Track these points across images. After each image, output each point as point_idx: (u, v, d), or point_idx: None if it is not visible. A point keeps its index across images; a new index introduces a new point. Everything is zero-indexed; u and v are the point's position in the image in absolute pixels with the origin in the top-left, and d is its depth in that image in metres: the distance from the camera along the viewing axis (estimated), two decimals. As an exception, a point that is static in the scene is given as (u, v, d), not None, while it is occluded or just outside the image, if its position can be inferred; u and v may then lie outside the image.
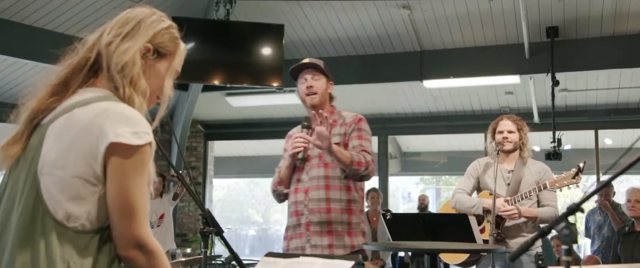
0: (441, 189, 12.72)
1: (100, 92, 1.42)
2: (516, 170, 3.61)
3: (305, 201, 2.83)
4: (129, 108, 1.40)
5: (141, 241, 1.38)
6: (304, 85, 2.89)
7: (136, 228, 1.36)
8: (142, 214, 1.37)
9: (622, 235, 4.74)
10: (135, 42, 1.45)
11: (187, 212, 9.07)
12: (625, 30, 6.51)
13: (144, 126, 1.37)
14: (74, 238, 1.35)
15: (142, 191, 1.37)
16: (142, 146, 1.35)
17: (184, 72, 6.45)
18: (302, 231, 2.84)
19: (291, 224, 2.89)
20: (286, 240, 2.92)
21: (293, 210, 2.87)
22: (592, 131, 8.35)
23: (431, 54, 7.26)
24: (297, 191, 2.86)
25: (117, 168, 1.34)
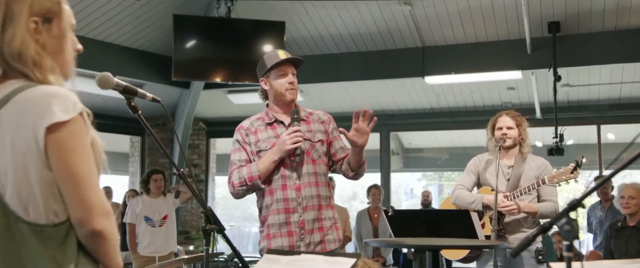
0: (444, 185, 12.71)
1: (15, 85, 1.39)
2: (516, 166, 3.62)
3: (299, 199, 2.78)
4: (49, 87, 1.38)
5: (104, 209, 1.37)
6: (286, 79, 2.83)
7: (94, 199, 1.35)
8: (93, 182, 1.36)
9: (615, 231, 4.73)
10: (17, 24, 1.39)
11: (190, 210, 9.08)
12: (627, 24, 6.49)
13: (70, 99, 1.36)
14: (53, 233, 1.36)
15: (87, 160, 1.36)
16: (73, 118, 1.35)
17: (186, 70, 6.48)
18: (292, 230, 2.78)
19: (276, 222, 2.79)
20: (266, 239, 2.80)
21: (281, 207, 2.78)
22: (595, 126, 8.32)
23: (433, 50, 7.25)
24: (286, 188, 2.78)
25: (55, 146, 1.33)
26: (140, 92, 1.87)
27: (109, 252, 1.41)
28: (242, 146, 2.84)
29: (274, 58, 2.85)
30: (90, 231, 1.36)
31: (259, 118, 2.90)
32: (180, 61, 6.64)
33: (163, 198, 5.99)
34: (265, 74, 2.86)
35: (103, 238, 1.38)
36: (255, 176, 2.75)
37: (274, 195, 2.79)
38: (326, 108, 8.82)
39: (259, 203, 2.87)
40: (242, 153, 2.84)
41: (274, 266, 1.91)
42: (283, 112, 2.89)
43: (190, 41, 6.73)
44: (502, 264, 3.53)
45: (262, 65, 2.87)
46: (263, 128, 2.87)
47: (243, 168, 2.79)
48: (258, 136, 2.85)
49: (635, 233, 4.55)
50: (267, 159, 2.77)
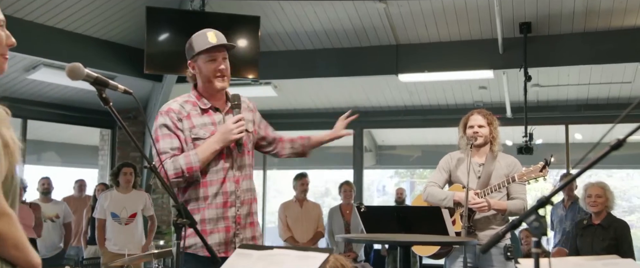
0: (415, 182, 12.82)
1: None
2: (487, 164, 3.67)
3: (237, 192, 2.61)
4: None
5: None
6: (215, 65, 2.58)
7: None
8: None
9: (581, 229, 4.84)
10: None
11: (160, 204, 8.97)
12: (596, 27, 6.64)
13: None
14: None
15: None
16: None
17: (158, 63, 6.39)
18: (228, 225, 2.58)
19: (212, 217, 2.56)
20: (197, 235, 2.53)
21: (220, 201, 2.57)
22: (563, 126, 8.49)
23: (407, 48, 7.30)
24: (226, 180, 2.58)
25: None
26: (111, 84, 1.85)
27: (8, 249, 1.36)
28: (173, 132, 2.55)
29: (203, 42, 2.59)
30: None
31: (189, 102, 2.63)
32: (152, 53, 6.56)
33: (133, 194, 5.90)
34: (193, 57, 2.61)
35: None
36: (196, 167, 2.50)
37: (209, 188, 2.56)
38: (300, 103, 8.82)
39: (184, 195, 2.58)
40: (175, 139, 2.54)
41: (246, 261, 1.91)
42: (216, 98, 2.67)
43: (163, 33, 6.65)
44: (471, 260, 3.58)
45: (189, 47, 2.63)
46: (197, 113, 2.61)
47: (178, 157, 2.50)
48: (192, 122, 2.58)
49: (600, 231, 4.66)
50: (207, 149, 2.53)
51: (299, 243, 6.16)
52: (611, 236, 4.60)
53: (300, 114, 8.94)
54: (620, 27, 6.56)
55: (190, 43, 2.64)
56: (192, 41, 2.64)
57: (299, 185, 6.43)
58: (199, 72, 2.63)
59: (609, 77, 7.41)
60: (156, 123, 2.58)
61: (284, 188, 10.52)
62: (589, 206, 4.75)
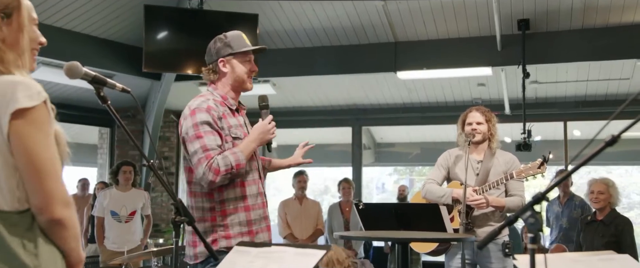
0: (415, 180, 12.83)
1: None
2: (485, 161, 3.68)
3: (265, 193, 2.71)
4: (13, 76, 1.40)
5: (64, 199, 1.38)
6: (250, 66, 2.65)
7: (55, 187, 1.36)
8: (54, 171, 1.37)
9: (584, 224, 4.86)
10: None
11: (159, 202, 8.99)
12: (594, 23, 6.64)
13: (35, 87, 1.38)
14: (19, 220, 1.37)
15: (49, 149, 1.37)
16: (37, 106, 1.36)
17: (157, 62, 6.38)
18: (268, 224, 2.69)
19: (257, 217, 2.61)
20: (248, 236, 2.55)
21: (260, 202, 2.64)
22: (561, 123, 8.51)
23: (405, 46, 7.30)
24: (259, 181, 2.67)
25: (18, 133, 1.34)
26: (109, 83, 1.85)
27: (69, 240, 1.42)
28: (215, 129, 2.53)
29: (242, 42, 2.65)
30: (49, 220, 1.37)
31: (217, 102, 2.61)
32: (151, 52, 6.56)
33: (133, 192, 5.91)
34: (227, 55, 2.63)
35: (62, 227, 1.39)
36: (243, 164, 2.51)
37: (247, 188, 2.60)
38: (299, 101, 8.83)
39: (220, 195, 2.56)
40: (218, 137, 2.53)
41: (245, 258, 1.92)
42: (235, 99, 2.69)
43: (161, 32, 6.65)
44: (469, 257, 3.59)
45: (225, 44, 2.64)
46: (229, 114, 2.63)
47: (227, 153, 2.49)
48: (229, 122, 2.60)
49: (602, 227, 4.66)
50: (247, 147, 2.55)
51: (298, 240, 6.17)
52: (611, 232, 4.60)
53: (299, 112, 8.95)
54: (619, 24, 6.57)
55: (226, 41, 2.65)
56: (229, 40, 2.65)
57: (297, 182, 6.45)
58: (232, 71, 2.64)
59: (607, 73, 7.42)
60: (195, 119, 2.53)
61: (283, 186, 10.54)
62: (592, 203, 4.77)
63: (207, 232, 2.52)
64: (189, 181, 2.60)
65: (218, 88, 2.67)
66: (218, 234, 2.51)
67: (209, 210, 2.54)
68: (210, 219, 2.54)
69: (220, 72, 2.66)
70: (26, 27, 1.50)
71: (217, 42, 2.67)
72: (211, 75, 2.68)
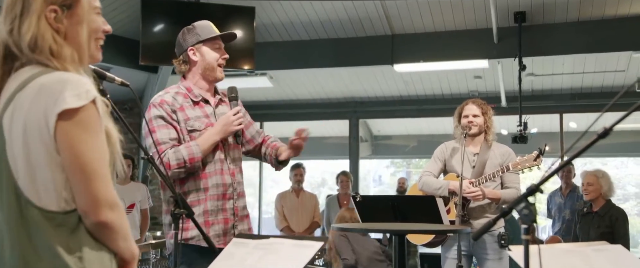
0: (411, 172, 12.86)
1: (33, 70, 1.39)
2: (481, 153, 3.71)
3: (234, 185, 2.64)
4: (63, 73, 1.38)
5: (111, 201, 1.36)
6: (220, 52, 2.66)
7: (102, 190, 1.34)
8: (101, 172, 1.35)
9: (580, 216, 4.91)
10: (32, 16, 1.40)
11: (157, 195, 9.00)
12: (590, 15, 6.66)
13: (83, 86, 1.35)
14: (64, 220, 1.36)
15: (96, 150, 1.35)
16: (85, 106, 1.33)
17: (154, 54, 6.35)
18: (227, 217, 2.62)
19: (213, 208, 2.58)
20: (204, 226, 2.53)
21: (220, 193, 2.60)
22: (557, 115, 8.54)
23: (402, 38, 7.31)
24: (223, 172, 2.61)
25: (65, 134, 1.32)
26: (109, 76, 1.87)
27: (117, 241, 1.40)
28: (169, 123, 2.55)
29: (210, 30, 2.65)
30: (95, 223, 1.36)
31: (180, 94, 2.63)
32: (148, 44, 6.56)
33: (131, 185, 5.90)
34: (196, 43, 2.63)
35: (108, 229, 1.37)
36: (198, 157, 2.50)
37: (208, 179, 2.58)
38: (296, 94, 8.84)
39: (182, 187, 2.58)
40: (172, 130, 2.55)
41: (243, 249, 1.95)
42: (207, 89, 2.69)
43: (158, 24, 6.65)
44: (466, 249, 3.63)
45: (192, 33, 2.65)
46: (189, 105, 2.62)
47: (179, 147, 2.51)
48: (186, 114, 2.59)
49: (597, 218, 4.71)
50: (208, 140, 2.55)
51: (295, 233, 6.20)
52: (606, 223, 4.65)
53: (296, 105, 8.96)
54: (614, 16, 6.59)
55: (193, 30, 2.65)
56: (196, 28, 2.65)
57: (293, 175, 6.48)
58: (201, 58, 2.64)
59: (603, 66, 7.44)
60: (149, 115, 2.57)
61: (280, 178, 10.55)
62: (584, 194, 4.82)
63: (169, 225, 2.50)
64: None
65: (187, 79, 2.68)
66: None
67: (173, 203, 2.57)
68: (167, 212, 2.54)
69: (190, 62, 2.66)
70: (86, 18, 1.46)
71: (185, 32, 2.68)
72: (182, 66, 2.68)
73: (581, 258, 1.87)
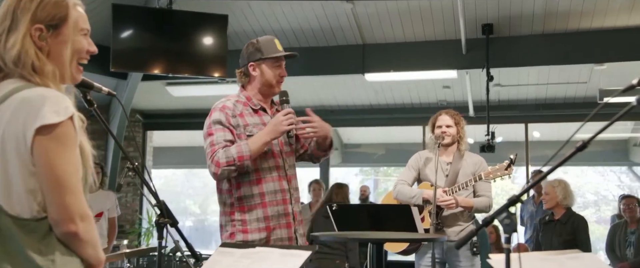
0: (379, 180, 12.98)
1: (16, 84, 1.44)
2: (454, 162, 3.79)
3: (291, 190, 2.74)
4: (44, 89, 1.43)
5: (81, 213, 1.42)
6: (279, 71, 2.78)
7: (73, 202, 1.40)
8: (74, 186, 1.41)
9: (543, 224, 5.05)
10: (19, 32, 1.45)
11: (124, 203, 8.87)
12: (554, 28, 6.87)
13: (62, 103, 1.41)
14: (36, 227, 1.40)
15: (71, 164, 1.41)
16: (63, 122, 1.38)
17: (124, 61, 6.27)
18: (289, 221, 2.71)
19: (274, 214, 2.66)
20: (265, 231, 2.63)
21: (280, 198, 2.69)
22: (523, 125, 8.76)
23: (373, 48, 7.40)
24: (281, 178, 2.71)
25: (42, 148, 1.38)
26: (96, 86, 1.87)
27: (86, 250, 1.46)
28: (227, 127, 2.64)
29: (272, 48, 2.77)
30: (65, 233, 1.41)
31: (240, 102, 2.74)
32: (118, 51, 6.47)
33: (100, 193, 5.80)
34: (257, 59, 2.74)
35: (78, 240, 1.43)
36: (247, 156, 2.57)
37: (264, 185, 2.66)
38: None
39: (237, 192, 2.66)
40: (228, 133, 2.63)
41: (228, 259, 1.96)
42: (264, 101, 2.80)
43: (129, 30, 6.57)
44: (439, 256, 3.70)
45: (256, 49, 2.75)
46: (248, 113, 2.72)
47: (230, 146, 2.59)
48: (246, 120, 2.70)
49: (559, 226, 4.85)
50: (258, 140, 2.62)
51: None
52: (568, 231, 4.79)
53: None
54: (577, 30, 6.82)
55: (258, 46, 2.76)
56: (260, 45, 2.77)
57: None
58: (261, 75, 2.75)
59: (566, 77, 7.68)
60: (210, 118, 2.68)
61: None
62: (544, 203, 4.98)
63: (226, 225, 2.68)
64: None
65: (246, 90, 2.79)
66: (235, 228, 2.65)
67: (229, 205, 2.69)
68: (229, 213, 2.68)
69: (250, 76, 2.77)
70: (71, 39, 1.52)
71: (249, 46, 2.79)
72: (242, 78, 2.80)
73: (557, 266, 1.95)
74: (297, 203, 2.78)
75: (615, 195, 10.87)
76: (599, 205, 12.59)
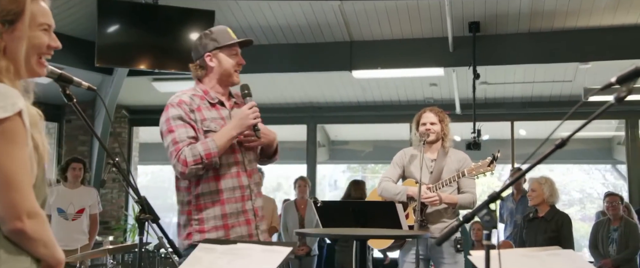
0: (367, 177, 13.01)
1: None
2: (438, 159, 3.81)
3: (251, 186, 2.65)
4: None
5: (28, 210, 1.38)
6: (237, 59, 2.69)
7: (19, 199, 1.36)
8: (21, 183, 1.37)
9: (527, 221, 5.09)
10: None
11: (109, 199, 8.81)
12: (540, 27, 6.92)
13: (10, 99, 1.37)
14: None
15: (18, 160, 1.37)
16: (10, 118, 1.35)
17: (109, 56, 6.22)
18: (249, 218, 2.61)
19: (233, 211, 2.57)
20: (223, 229, 2.55)
21: (238, 195, 2.60)
22: (509, 123, 8.81)
23: (360, 45, 7.41)
24: (240, 174, 2.61)
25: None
26: (75, 81, 1.85)
27: (37, 248, 1.42)
28: (187, 122, 2.55)
29: (227, 36, 2.68)
30: (11, 230, 1.38)
31: (196, 95, 2.63)
32: (103, 46, 6.43)
33: (81, 189, 5.77)
34: (213, 49, 2.65)
35: (26, 237, 1.39)
36: (214, 153, 2.49)
37: (223, 181, 2.57)
38: (254, 98, 8.81)
39: (195, 189, 2.56)
40: (190, 129, 2.54)
41: (211, 255, 1.95)
42: (222, 93, 2.71)
43: (114, 25, 6.52)
44: (423, 252, 3.71)
45: (211, 39, 2.66)
46: (206, 107, 2.63)
47: (196, 144, 2.50)
48: (203, 115, 2.60)
49: (544, 223, 4.89)
50: (224, 136, 2.54)
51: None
52: (552, 228, 4.84)
53: (253, 109, 8.92)
54: (562, 28, 6.87)
55: (212, 36, 2.66)
56: (214, 34, 2.67)
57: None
58: (218, 65, 2.66)
59: (552, 76, 7.74)
60: (167, 114, 2.57)
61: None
62: (529, 200, 5.02)
63: (185, 226, 2.58)
64: (176, 176, 2.60)
65: (203, 83, 2.69)
66: (193, 228, 2.54)
67: (186, 204, 2.58)
68: (187, 213, 2.58)
69: (207, 67, 2.67)
70: (27, 34, 1.48)
71: (203, 38, 2.68)
72: (198, 71, 2.69)
73: (538, 262, 1.96)
74: (258, 198, 2.69)
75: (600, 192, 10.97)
76: (584, 202, 12.70)
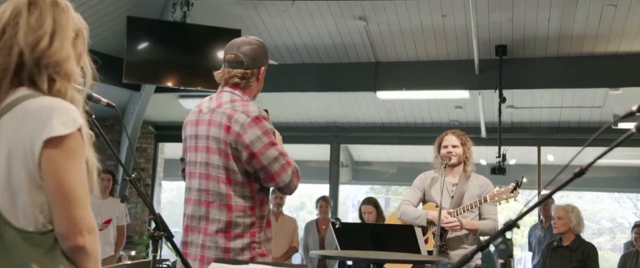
0: (390, 199, 12.91)
1: (21, 92, 1.41)
2: (460, 184, 3.74)
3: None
4: (51, 99, 1.40)
5: (88, 226, 1.40)
6: None
7: (81, 216, 1.38)
8: (83, 198, 1.39)
9: (550, 250, 4.96)
10: (66, 36, 1.45)
11: (133, 214, 8.89)
12: (568, 51, 6.82)
13: (71, 114, 1.38)
14: (41, 240, 1.38)
15: (79, 176, 1.39)
16: (72, 134, 1.36)
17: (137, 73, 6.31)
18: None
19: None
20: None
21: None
22: (535, 148, 8.67)
23: (385, 66, 7.40)
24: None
25: (50, 160, 1.35)
26: (95, 97, 1.87)
27: (88, 264, 1.43)
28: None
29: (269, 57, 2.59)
30: (73, 246, 1.39)
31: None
32: (132, 63, 6.54)
33: (110, 200, 5.84)
34: (265, 65, 2.54)
35: (84, 254, 1.41)
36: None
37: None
38: (278, 117, 8.85)
39: (260, 210, 2.43)
40: None
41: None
42: None
43: (143, 43, 6.64)
44: (442, 279, 3.64)
45: (264, 54, 2.53)
46: None
47: None
48: None
49: (568, 252, 4.76)
50: None
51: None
52: (578, 258, 4.71)
53: (277, 128, 8.83)
54: (592, 53, 6.76)
55: (266, 50, 2.55)
56: (267, 49, 2.57)
57: (273, 198, 6.44)
58: (258, 83, 2.55)
59: (580, 101, 7.60)
60: (264, 127, 2.40)
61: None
62: (554, 228, 4.89)
63: (243, 249, 2.35)
64: (228, 193, 2.37)
65: (246, 93, 2.52)
66: (255, 252, 2.37)
67: (249, 226, 2.38)
68: (250, 235, 2.37)
69: (258, 80, 2.54)
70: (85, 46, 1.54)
71: (263, 47, 2.53)
72: (243, 80, 2.48)
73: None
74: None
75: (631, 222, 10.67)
76: (614, 232, 12.37)
